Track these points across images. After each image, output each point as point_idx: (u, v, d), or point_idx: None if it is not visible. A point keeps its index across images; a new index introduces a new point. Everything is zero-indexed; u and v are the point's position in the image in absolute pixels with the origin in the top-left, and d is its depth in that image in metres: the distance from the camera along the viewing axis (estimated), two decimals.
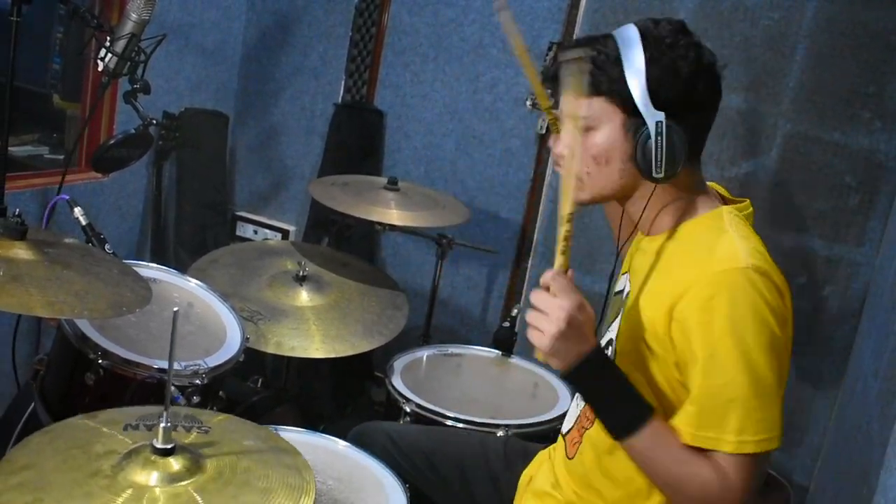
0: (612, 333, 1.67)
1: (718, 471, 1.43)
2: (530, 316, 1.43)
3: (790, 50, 2.56)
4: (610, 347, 1.65)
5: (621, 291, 1.70)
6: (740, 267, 1.43)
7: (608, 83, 1.49)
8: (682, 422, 1.46)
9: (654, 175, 1.49)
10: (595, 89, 1.50)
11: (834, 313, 2.61)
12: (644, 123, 1.48)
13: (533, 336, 1.43)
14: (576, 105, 1.52)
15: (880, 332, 2.12)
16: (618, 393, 1.48)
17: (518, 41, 1.57)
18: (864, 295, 2.57)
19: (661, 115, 1.47)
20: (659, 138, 1.47)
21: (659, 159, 1.48)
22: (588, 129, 1.52)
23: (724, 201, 1.64)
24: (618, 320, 1.65)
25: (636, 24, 1.51)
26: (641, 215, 1.61)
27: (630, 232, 1.68)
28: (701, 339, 1.42)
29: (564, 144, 1.57)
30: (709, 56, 1.52)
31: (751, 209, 1.63)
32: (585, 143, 1.53)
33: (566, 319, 1.40)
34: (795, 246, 2.59)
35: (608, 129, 1.52)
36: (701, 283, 1.43)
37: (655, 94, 1.47)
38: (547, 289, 1.44)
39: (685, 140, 1.48)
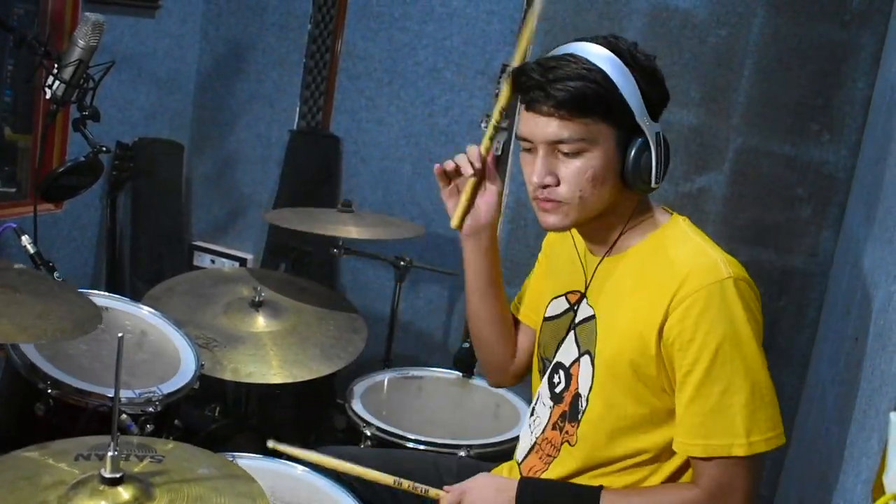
0: (562, 357, 1.67)
1: (705, 483, 1.47)
2: None
3: (738, 65, 2.59)
4: (561, 370, 1.65)
5: (569, 311, 1.68)
6: (724, 278, 1.45)
7: (604, 103, 1.45)
8: (690, 436, 1.47)
9: (654, 184, 1.51)
10: (590, 111, 1.45)
11: (791, 324, 2.63)
12: (635, 137, 1.48)
13: None
14: (561, 128, 1.46)
15: (836, 339, 2.13)
16: (564, 498, 1.56)
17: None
18: (819, 305, 2.59)
19: (658, 126, 1.50)
20: (659, 148, 1.50)
21: (659, 168, 1.50)
22: (579, 153, 1.48)
23: None
24: (573, 340, 1.64)
25: (589, 40, 1.49)
26: (619, 234, 1.59)
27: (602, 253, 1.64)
28: (698, 351, 1.44)
29: (546, 173, 1.50)
30: None
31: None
32: (577, 167, 1.49)
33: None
34: (750, 259, 2.60)
35: (603, 149, 1.48)
36: (690, 298, 1.44)
37: (651, 106, 1.49)
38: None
39: None
